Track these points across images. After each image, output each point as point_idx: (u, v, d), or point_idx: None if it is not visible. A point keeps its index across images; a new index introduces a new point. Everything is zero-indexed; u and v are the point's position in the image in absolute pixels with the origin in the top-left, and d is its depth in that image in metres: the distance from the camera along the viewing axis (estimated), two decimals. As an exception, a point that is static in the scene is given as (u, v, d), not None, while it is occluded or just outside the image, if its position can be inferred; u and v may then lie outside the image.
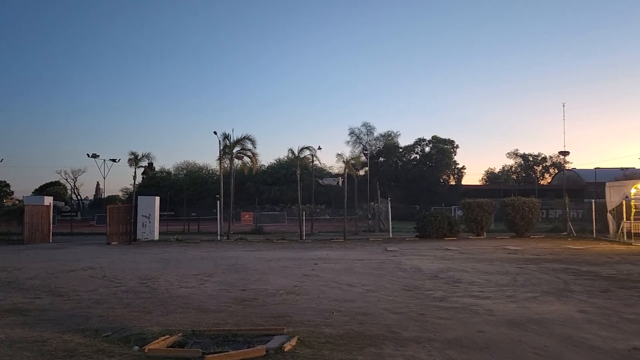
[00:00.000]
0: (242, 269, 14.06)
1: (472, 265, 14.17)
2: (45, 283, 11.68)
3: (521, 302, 8.85)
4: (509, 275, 12.24)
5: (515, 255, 16.98)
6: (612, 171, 48.59)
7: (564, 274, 12.32)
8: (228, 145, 27.49)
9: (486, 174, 72.12)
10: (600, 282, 10.95)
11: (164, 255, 18.29)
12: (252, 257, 17.07)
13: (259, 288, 10.72)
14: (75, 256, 18.07)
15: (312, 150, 29.60)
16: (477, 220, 25.82)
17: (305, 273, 13.02)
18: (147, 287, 11.06)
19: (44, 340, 6.22)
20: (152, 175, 57.46)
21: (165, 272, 13.37)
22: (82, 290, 10.61)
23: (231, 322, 7.46)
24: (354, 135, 60.40)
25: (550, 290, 9.98)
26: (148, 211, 25.77)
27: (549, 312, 7.93)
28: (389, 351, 5.81)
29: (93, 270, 13.91)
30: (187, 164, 61.61)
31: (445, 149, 56.76)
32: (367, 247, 21.00)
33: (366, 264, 15.00)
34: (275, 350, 5.64)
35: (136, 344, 6.06)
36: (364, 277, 12.24)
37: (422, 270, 13.38)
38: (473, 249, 19.41)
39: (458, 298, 9.31)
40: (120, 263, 15.75)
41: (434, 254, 17.49)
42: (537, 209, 26.43)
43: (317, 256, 17.27)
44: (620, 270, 12.83)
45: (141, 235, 25.46)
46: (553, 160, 66.08)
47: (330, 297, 9.60)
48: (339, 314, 7.96)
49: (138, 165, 27.46)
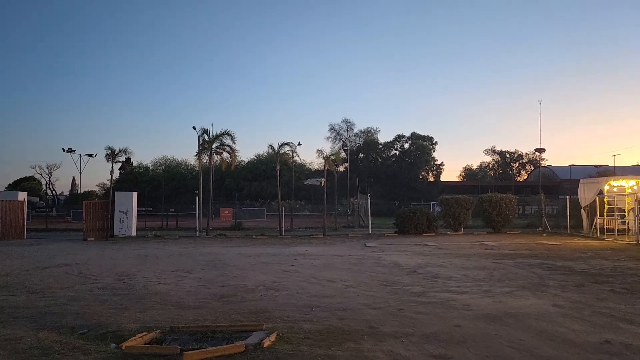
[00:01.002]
0: (221, 265, 13.98)
1: (450, 261, 14.34)
2: (19, 280, 11.44)
3: (497, 296, 9.00)
4: (485, 270, 12.42)
5: (492, 250, 17.24)
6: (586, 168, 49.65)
7: (539, 269, 12.56)
8: (207, 140, 27.25)
9: (464, 171, 73.15)
10: (574, 277, 11.19)
11: (142, 251, 18.08)
12: (231, 253, 16.99)
13: (238, 284, 10.68)
14: (51, 253, 17.74)
15: (292, 146, 29.57)
16: (455, 216, 26.14)
17: (284, 269, 13.01)
18: (124, 283, 10.92)
19: (18, 339, 6.09)
20: (129, 171, 56.66)
21: (143, 269, 13.22)
22: (57, 288, 10.42)
23: (210, 318, 7.42)
24: (334, 132, 60.62)
25: (526, 285, 10.17)
26: (125, 207, 25.44)
27: (524, 307, 8.08)
28: (368, 346, 5.85)
29: (69, 267, 13.67)
30: (166, 159, 60.92)
31: (425, 145, 57.25)
32: (347, 243, 21.08)
33: (345, 259, 15.06)
34: (254, 346, 5.63)
35: (113, 342, 5.99)
36: (344, 272, 12.29)
37: (401, 265, 13.49)
38: (451, 244, 19.64)
39: (436, 293, 9.42)
40: (97, 259, 15.51)
41: (412, 250, 17.65)
42: (513, 205, 26.89)
43: (296, 252, 17.27)
44: (593, 265, 13.14)
45: (118, 231, 25.12)
46: (529, 157, 67.33)
47: (309, 292, 9.62)
48: (318, 310, 7.98)
49: (115, 160, 27.03)
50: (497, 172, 69.00)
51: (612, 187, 22.80)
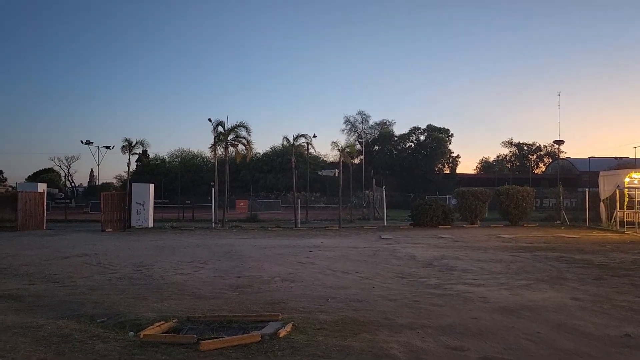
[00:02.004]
0: (237, 256, 14.07)
1: (466, 254, 14.24)
2: (39, 269, 11.65)
3: (515, 289, 8.91)
4: (502, 263, 12.31)
5: (509, 243, 17.08)
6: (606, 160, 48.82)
7: (557, 262, 12.41)
8: (222, 132, 27.35)
9: (481, 163, 72.36)
10: (593, 270, 11.04)
11: (159, 242, 18.28)
12: (247, 245, 17.09)
13: (254, 275, 10.74)
14: (70, 243, 18.02)
15: (307, 138, 29.58)
16: (471, 208, 25.93)
17: (300, 260, 13.05)
18: (141, 274, 11.06)
19: (39, 326, 6.21)
20: (146, 163, 57.18)
21: (160, 259, 13.37)
22: (76, 277, 10.59)
23: (226, 308, 7.48)
24: (349, 124, 60.46)
25: (544, 278, 10.06)
26: (142, 198, 25.71)
27: (542, 300, 7.99)
28: (383, 337, 5.84)
29: (87, 257, 13.88)
30: (182, 151, 61.38)
31: (440, 137, 56.80)
32: (362, 235, 21.06)
33: (361, 251, 15.05)
34: (270, 336, 5.66)
35: (131, 330, 6.07)
36: (359, 264, 12.28)
37: (417, 258, 13.44)
38: (467, 237, 19.51)
39: (452, 285, 9.37)
40: (115, 250, 15.72)
41: (428, 242, 17.57)
42: (531, 198, 26.57)
43: (311, 244, 17.30)
44: (612, 259, 12.94)
45: (135, 222, 25.41)
46: (547, 149, 66.32)
47: (324, 284, 9.64)
48: (333, 301, 7.99)
49: (132, 152, 27.29)
50: (515, 164, 68.18)
51: (633, 180, 22.36)
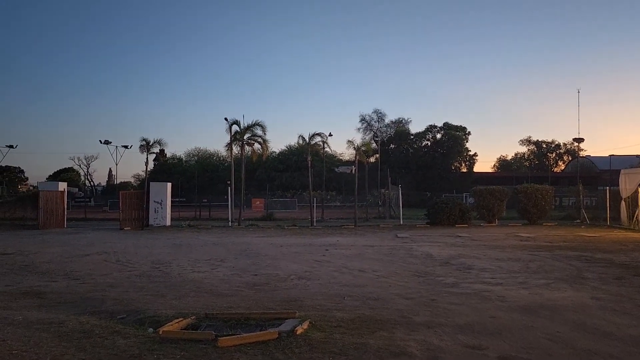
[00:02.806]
0: (254, 254, 14.14)
1: (484, 252, 14.12)
2: (60, 267, 11.85)
3: (533, 288, 8.81)
4: (521, 262, 12.18)
5: (527, 242, 16.89)
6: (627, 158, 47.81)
7: (577, 261, 12.24)
8: (238, 131, 27.53)
9: (498, 161, 71.56)
10: (614, 270, 10.87)
11: (176, 240, 18.45)
12: (263, 243, 17.17)
13: (271, 273, 10.79)
14: (89, 241, 18.30)
15: (323, 137, 29.65)
16: (488, 207, 25.69)
17: (316, 259, 13.07)
18: (160, 271, 11.18)
19: (61, 322, 6.31)
20: (163, 162, 57.78)
21: (178, 257, 13.50)
22: (96, 274, 10.75)
23: (243, 305, 7.53)
24: (365, 122, 60.31)
25: (563, 277, 9.93)
26: (160, 197, 25.99)
27: (561, 299, 7.89)
28: (401, 335, 5.83)
29: (107, 255, 14.09)
30: (198, 150, 61.93)
31: (457, 135, 56.30)
32: (378, 234, 21.01)
33: (377, 250, 15.02)
34: (287, 333, 5.68)
35: (150, 326, 6.14)
36: (375, 263, 12.26)
37: (433, 256, 13.37)
38: (485, 236, 19.34)
39: (469, 284, 9.30)
40: (133, 248, 15.92)
41: (445, 241, 17.46)
42: (550, 197, 26.25)
43: (327, 242, 17.32)
44: (634, 258, 12.72)
45: (153, 221, 25.70)
46: (567, 147, 65.35)
47: (341, 282, 9.64)
48: (350, 299, 7.99)
49: (150, 151, 27.65)
50: (533, 162, 67.28)
51: (655, 178, 21.97)
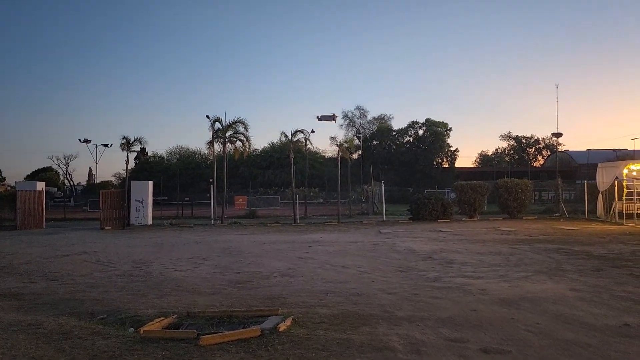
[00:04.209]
0: (236, 252, 14.08)
1: (465, 247, 14.27)
2: (39, 268, 11.66)
3: (514, 281, 8.93)
4: (501, 255, 12.34)
5: (508, 236, 17.11)
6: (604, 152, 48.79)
7: (556, 253, 12.43)
8: (220, 129, 27.30)
9: (479, 157, 72.28)
10: (592, 262, 11.07)
11: (158, 239, 18.28)
12: (246, 241, 17.10)
13: (253, 271, 10.76)
14: (69, 241, 18.02)
15: (306, 134, 29.57)
16: (470, 202, 25.95)
17: (299, 255, 13.06)
18: (141, 270, 11.07)
19: (39, 324, 6.21)
20: (144, 160, 57.13)
21: (159, 256, 13.37)
22: (76, 275, 10.60)
23: (226, 304, 7.48)
24: (348, 119, 60.46)
25: (543, 270, 10.08)
26: (141, 196, 25.71)
27: (541, 291, 8.01)
28: (383, 330, 5.85)
29: (87, 255, 13.89)
30: (180, 148, 61.28)
31: (439, 131, 56.74)
32: (361, 230, 21.08)
33: (360, 246, 15.07)
34: (270, 330, 5.67)
35: (131, 326, 6.07)
36: (358, 258, 12.30)
37: (416, 251, 13.46)
38: (466, 230, 19.53)
39: (451, 278, 9.39)
40: (114, 247, 15.73)
41: (427, 236, 17.59)
42: (529, 191, 26.62)
43: (311, 239, 17.32)
44: (611, 250, 12.97)
45: (134, 220, 25.41)
46: (546, 142, 66.29)
47: (324, 278, 9.65)
48: (333, 295, 8.00)
49: (130, 150, 27.25)
50: (513, 157, 68.11)
51: (632, 171, 22.39)
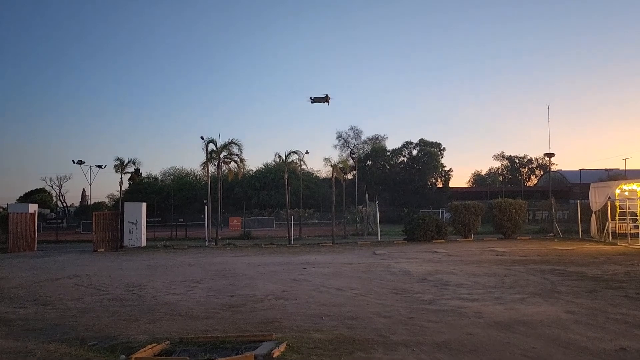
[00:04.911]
0: (231, 274, 13.97)
1: (460, 268, 14.22)
2: (30, 292, 11.50)
3: (509, 303, 8.89)
4: (496, 277, 12.30)
5: (502, 257, 17.09)
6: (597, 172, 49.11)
7: (551, 275, 12.42)
8: (215, 150, 27.33)
9: (473, 176, 72.65)
10: (587, 283, 11.05)
11: (151, 262, 18.12)
12: (240, 263, 16.98)
13: (248, 294, 10.66)
14: (61, 264, 17.82)
15: (300, 155, 29.65)
16: (464, 222, 25.97)
17: (294, 278, 12.97)
18: (133, 294, 10.94)
19: (28, 351, 6.10)
20: (138, 181, 56.93)
21: (153, 279, 13.24)
22: (67, 299, 10.46)
23: (219, 328, 7.40)
24: (342, 139, 60.78)
25: (538, 292, 10.05)
26: (135, 217, 25.55)
27: (536, 314, 7.98)
28: (378, 355, 5.79)
29: (79, 279, 13.73)
30: (174, 169, 61.22)
31: (433, 151, 57.04)
32: (356, 251, 21.00)
33: (355, 267, 15.00)
34: (263, 356, 5.60)
35: (123, 353, 5.98)
36: (353, 281, 12.23)
37: (411, 273, 13.40)
38: (461, 251, 19.50)
39: (446, 301, 9.34)
40: (107, 270, 15.57)
41: (422, 257, 17.54)
42: (523, 211, 26.68)
43: (305, 260, 17.22)
44: (606, 271, 12.96)
45: (128, 242, 25.21)
46: (539, 161, 66.78)
47: (319, 301, 9.57)
48: (328, 319, 7.93)
49: (124, 171, 27.15)
50: (507, 177, 68.51)
51: (624, 191, 22.52)
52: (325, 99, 31.12)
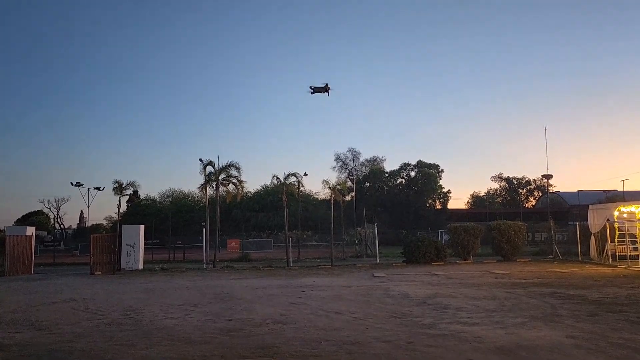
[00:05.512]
0: (229, 298, 13.86)
1: (460, 291, 14.14)
2: (26, 316, 11.38)
3: (510, 328, 8.82)
4: (496, 300, 12.22)
5: (502, 279, 17.00)
6: (595, 193, 49.25)
7: (552, 298, 12.34)
8: (213, 172, 27.36)
9: (472, 198, 72.66)
10: (588, 306, 10.99)
11: (149, 285, 17.97)
12: (238, 286, 16.86)
13: (246, 318, 10.57)
14: (57, 288, 17.67)
15: (298, 177, 29.72)
16: (464, 244, 25.89)
17: (292, 301, 12.87)
18: (130, 318, 10.83)
19: (23, 378, 6.03)
20: (137, 203, 56.87)
21: (150, 303, 13.12)
22: (63, 324, 10.35)
23: (217, 354, 7.32)
24: (340, 161, 61.01)
25: (538, 315, 9.98)
26: (132, 240, 25.43)
27: (537, 338, 7.91)
28: (378, 382, 5.72)
29: (75, 302, 13.60)
30: (173, 191, 61.20)
31: (431, 173, 57.22)
32: (355, 274, 20.87)
33: (354, 290, 14.89)
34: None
35: (119, 380, 5.90)
36: (352, 304, 12.13)
37: (410, 296, 13.31)
38: (460, 273, 19.40)
39: (446, 325, 9.26)
40: (104, 294, 15.43)
41: (421, 280, 17.44)
42: (522, 233, 26.63)
43: (304, 283, 17.11)
44: (606, 294, 12.90)
45: (125, 264, 25.05)
46: (537, 183, 66.93)
47: (317, 325, 9.49)
48: (327, 344, 7.85)
49: (123, 193, 27.14)
50: (505, 198, 68.55)
51: (622, 213, 22.54)
52: (325, 89, 30.55)
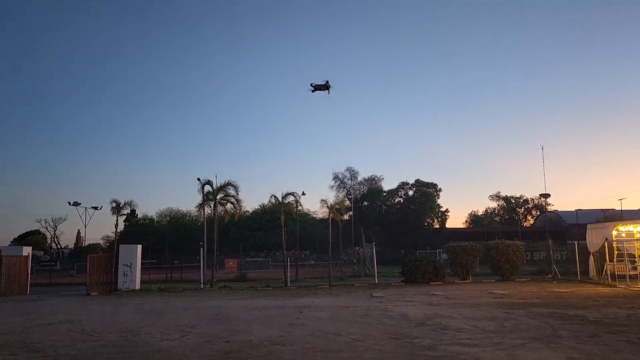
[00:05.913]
0: (226, 318, 13.74)
1: (459, 311, 14.04)
2: (21, 338, 11.25)
3: (509, 349, 8.75)
4: (496, 320, 12.14)
5: (501, 299, 16.90)
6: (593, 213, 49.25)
7: (551, 318, 12.26)
8: (211, 192, 27.36)
9: (470, 217, 72.58)
10: (587, 327, 10.91)
11: (145, 305, 17.82)
12: (235, 306, 16.72)
13: (243, 339, 10.46)
14: (53, 309, 17.50)
15: (296, 196, 29.67)
16: (462, 264, 25.78)
17: (290, 322, 12.76)
18: (126, 340, 10.71)
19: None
20: (134, 223, 56.70)
21: (146, 324, 12.99)
22: (59, 346, 10.23)
23: (214, 377, 7.22)
24: (338, 180, 61.15)
25: (538, 336, 9.91)
26: (129, 260, 25.27)
27: (537, 360, 7.84)
28: (377, 406, 5.65)
29: (71, 324, 13.45)
30: (170, 210, 61.11)
31: (429, 192, 57.29)
32: (353, 294, 20.74)
33: (352, 311, 14.78)
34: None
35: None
36: (350, 325, 12.03)
37: (409, 317, 13.21)
38: (459, 293, 19.29)
39: (446, 346, 9.18)
40: (100, 315, 15.29)
41: (420, 300, 17.32)
42: (521, 252, 26.55)
43: (302, 304, 16.98)
44: (606, 314, 12.82)
45: (122, 284, 24.85)
46: (535, 202, 66.99)
47: (316, 347, 9.40)
48: (325, 366, 7.76)
49: (120, 213, 27.03)
50: (503, 217, 68.53)
51: (621, 233, 22.49)
52: (326, 86, 30.11)
